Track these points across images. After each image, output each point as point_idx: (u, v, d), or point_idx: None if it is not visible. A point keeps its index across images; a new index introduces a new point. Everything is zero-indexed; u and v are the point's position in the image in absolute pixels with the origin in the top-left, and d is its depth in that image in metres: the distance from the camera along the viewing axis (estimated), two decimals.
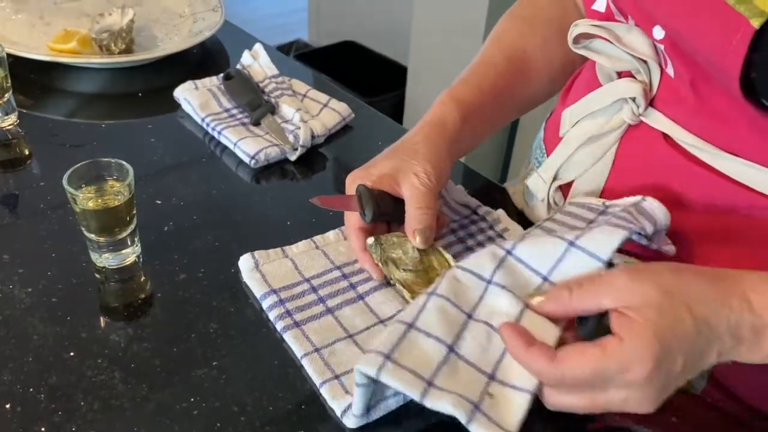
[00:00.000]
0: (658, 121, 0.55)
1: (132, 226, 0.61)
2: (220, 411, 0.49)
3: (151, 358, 0.53)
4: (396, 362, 0.44)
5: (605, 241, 0.46)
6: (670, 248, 0.55)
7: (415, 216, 0.56)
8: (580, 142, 0.60)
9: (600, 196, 0.61)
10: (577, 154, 0.61)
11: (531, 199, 0.69)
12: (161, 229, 0.66)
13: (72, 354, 0.52)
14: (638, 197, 0.54)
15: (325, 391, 0.50)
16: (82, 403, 0.49)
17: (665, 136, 0.55)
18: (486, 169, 1.89)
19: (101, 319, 0.56)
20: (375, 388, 0.46)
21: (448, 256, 0.58)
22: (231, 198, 0.71)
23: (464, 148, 0.64)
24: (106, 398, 0.49)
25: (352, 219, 0.59)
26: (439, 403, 0.42)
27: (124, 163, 0.60)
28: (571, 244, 0.47)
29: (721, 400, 0.53)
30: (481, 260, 0.49)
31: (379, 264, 0.58)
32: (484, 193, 0.72)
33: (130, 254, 0.62)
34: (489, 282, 0.48)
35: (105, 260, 0.61)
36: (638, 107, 0.55)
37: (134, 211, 0.61)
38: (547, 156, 0.67)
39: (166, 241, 0.64)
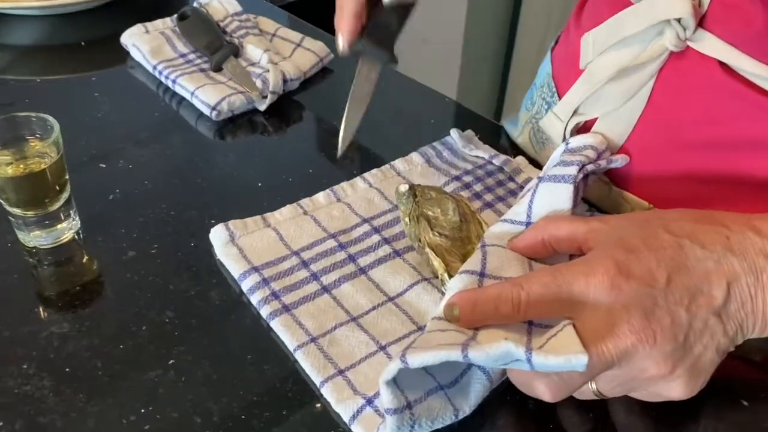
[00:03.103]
0: (711, 46, 0.44)
1: (65, 195, 0.49)
2: (179, 423, 0.39)
3: (90, 359, 0.42)
4: (416, 347, 0.35)
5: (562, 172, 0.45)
6: (621, 158, 0.49)
7: None
8: (609, 76, 0.48)
9: (627, 139, 0.50)
10: (604, 90, 0.49)
11: (543, 146, 0.58)
12: (105, 198, 0.54)
13: None
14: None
15: (327, 392, 0.40)
16: (1, 423, 0.38)
17: (721, 65, 0.44)
18: (479, 106, 1.76)
19: (28, 312, 0.45)
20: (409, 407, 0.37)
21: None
22: (189, 158, 0.60)
23: None
24: (31, 415, 0.39)
25: None
26: (487, 348, 0.33)
27: (48, 117, 0.48)
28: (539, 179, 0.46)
29: None
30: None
31: (407, 219, 0.47)
32: (481, 135, 0.62)
33: (66, 230, 0.50)
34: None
35: (35, 239, 0.49)
36: (685, 30, 0.44)
37: (66, 176, 0.49)
38: (559, 95, 0.55)
39: (111, 213, 0.53)
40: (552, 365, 0.33)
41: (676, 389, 0.36)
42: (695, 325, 0.35)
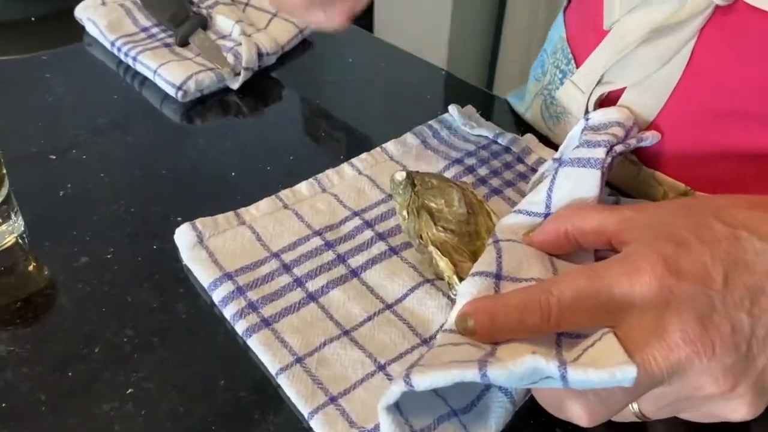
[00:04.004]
0: None
1: (2, 193, 0.42)
2: None
3: (31, 391, 0.35)
4: (424, 365, 0.28)
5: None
6: (651, 135, 0.43)
7: None
8: (640, 38, 0.41)
9: (661, 111, 0.43)
10: (634, 54, 0.43)
11: (557, 120, 0.52)
12: (54, 195, 0.47)
13: None
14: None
15: (317, 425, 0.33)
16: None
17: None
18: (469, 77, 1.67)
19: None
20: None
21: (499, 222, 0.41)
22: (152, 145, 0.53)
23: None
24: None
25: None
26: (510, 364, 0.27)
27: None
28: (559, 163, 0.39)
29: None
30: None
31: (404, 213, 0.40)
32: (481, 111, 0.55)
33: (7, 234, 0.43)
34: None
35: None
36: None
37: (3, 171, 0.42)
38: (576, 61, 0.49)
39: (61, 212, 0.46)
40: (592, 381, 0.26)
41: (738, 410, 0.30)
42: (758, 332, 0.29)
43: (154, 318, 0.39)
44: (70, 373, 0.36)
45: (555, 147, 0.50)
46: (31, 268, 0.43)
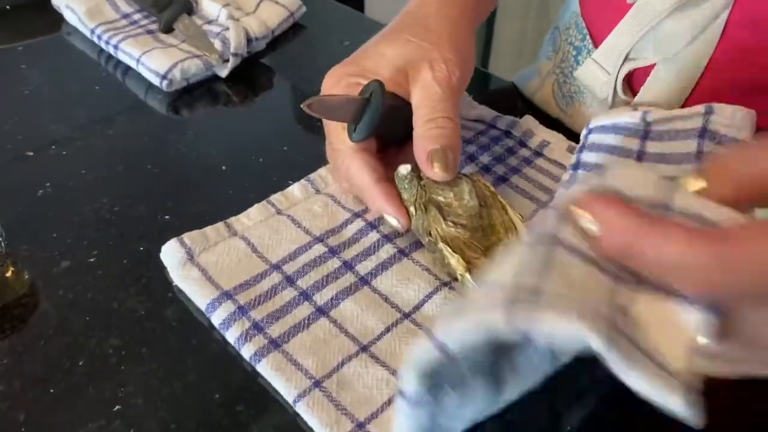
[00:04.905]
0: None
1: None
2: None
3: (9, 410, 0.32)
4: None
5: None
6: None
7: (428, 131, 0.36)
8: (669, 8, 0.38)
9: (696, 87, 0.40)
10: (661, 27, 0.40)
11: (571, 101, 0.49)
12: (33, 194, 0.44)
13: None
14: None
15: None
16: None
17: None
18: None
19: None
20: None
21: (514, 214, 0.38)
22: (137, 139, 0.50)
23: (481, 17, 0.44)
24: None
25: (345, 136, 0.39)
26: None
27: None
28: None
29: None
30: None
31: (412, 209, 0.37)
32: (478, 90, 0.53)
33: None
34: None
35: None
36: None
37: None
38: (593, 37, 0.46)
39: (40, 213, 0.43)
40: None
41: None
42: None
43: (142, 326, 0.36)
44: (51, 389, 0.33)
45: (559, 129, 0.48)
46: (8, 274, 0.40)
